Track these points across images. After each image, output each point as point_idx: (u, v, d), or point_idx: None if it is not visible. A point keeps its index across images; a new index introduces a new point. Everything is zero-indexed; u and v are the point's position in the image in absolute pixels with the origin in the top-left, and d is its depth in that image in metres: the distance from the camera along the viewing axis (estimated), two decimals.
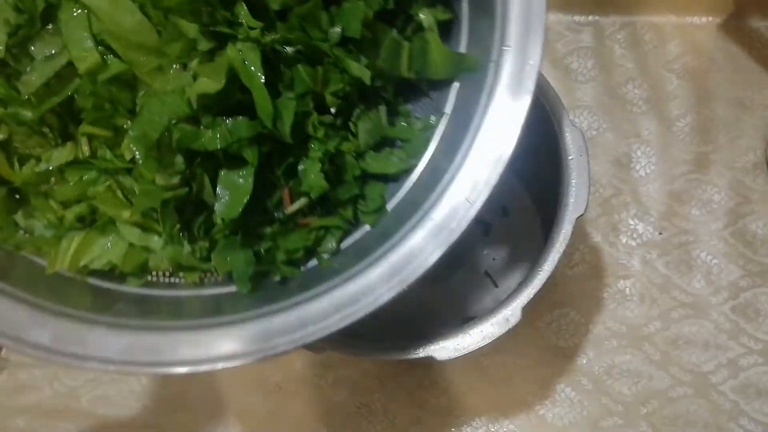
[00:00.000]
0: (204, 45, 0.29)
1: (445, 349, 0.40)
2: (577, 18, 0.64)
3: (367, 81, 0.31)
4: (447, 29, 0.34)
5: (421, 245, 0.30)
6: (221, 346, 0.30)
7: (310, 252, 0.35)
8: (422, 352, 0.40)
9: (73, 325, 0.31)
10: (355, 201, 0.35)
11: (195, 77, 0.29)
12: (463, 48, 0.34)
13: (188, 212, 0.32)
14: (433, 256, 0.29)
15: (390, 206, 0.34)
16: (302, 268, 0.35)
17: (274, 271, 0.34)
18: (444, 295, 0.58)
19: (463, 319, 0.57)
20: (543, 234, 0.58)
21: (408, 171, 0.34)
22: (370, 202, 0.34)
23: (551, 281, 0.58)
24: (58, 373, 0.59)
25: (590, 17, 0.64)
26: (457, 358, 0.58)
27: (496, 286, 0.58)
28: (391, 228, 0.32)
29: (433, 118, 0.35)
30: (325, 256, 0.35)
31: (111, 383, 0.58)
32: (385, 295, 0.30)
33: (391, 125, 0.35)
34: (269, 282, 0.34)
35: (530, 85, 0.29)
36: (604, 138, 0.61)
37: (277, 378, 0.59)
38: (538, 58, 0.29)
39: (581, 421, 0.56)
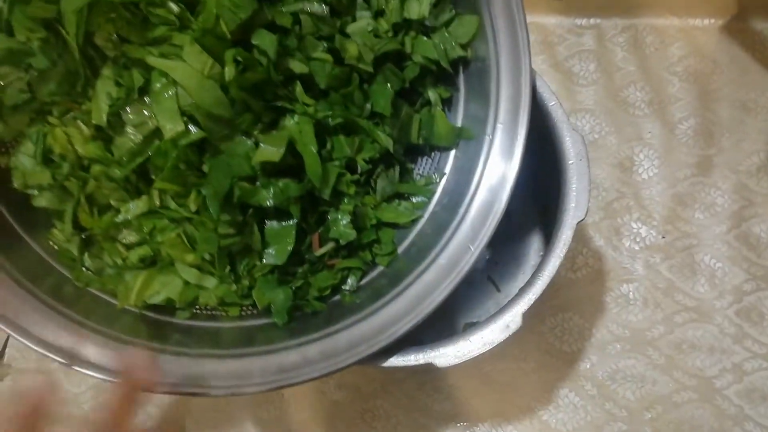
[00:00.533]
0: (267, 117, 0.35)
1: (445, 355, 0.40)
2: (578, 21, 0.64)
3: (391, 149, 0.38)
4: (448, 104, 0.42)
5: (433, 284, 0.36)
6: (271, 372, 0.35)
7: (335, 289, 0.40)
8: (422, 359, 0.40)
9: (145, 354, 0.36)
10: (372, 246, 0.40)
11: (257, 144, 0.34)
12: (460, 119, 0.41)
13: (236, 256, 0.37)
14: (443, 293, 0.36)
15: (400, 250, 0.41)
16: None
17: (305, 305, 0.39)
18: (446, 299, 0.58)
19: (465, 323, 0.57)
20: (545, 238, 0.58)
21: (415, 221, 0.41)
22: (384, 246, 0.40)
23: (553, 286, 0.58)
24: (60, 380, 0.59)
25: (592, 20, 0.64)
26: (459, 364, 0.58)
27: (499, 290, 0.58)
28: (403, 269, 0.38)
29: (435, 177, 0.42)
30: (347, 292, 0.40)
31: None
32: (406, 326, 0.36)
33: (400, 182, 0.42)
34: (299, 315, 0.39)
35: (519, 154, 0.36)
36: (607, 141, 0.61)
37: None
38: (524, 132, 0.36)
39: (585, 426, 0.56)
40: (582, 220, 0.41)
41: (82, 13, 0.31)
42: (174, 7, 0.32)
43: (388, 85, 0.38)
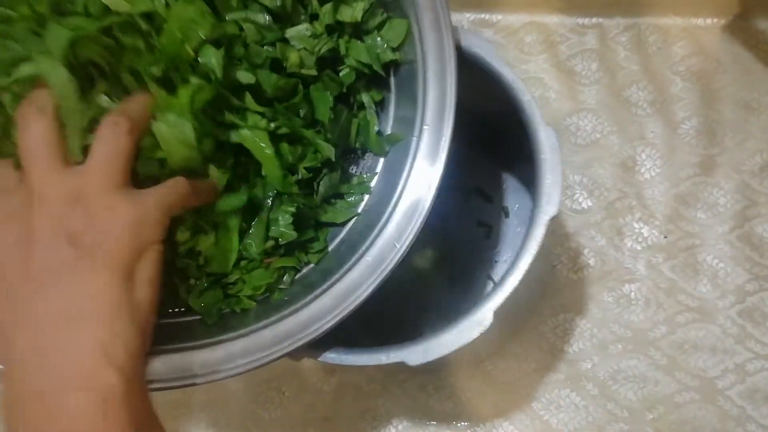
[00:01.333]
0: (222, 136, 0.35)
1: (414, 352, 0.39)
2: (580, 20, 0.64)
3: (333, 158, 0.39)
4: (381, 105, 0.43)
5: (359, 281, 0.37)
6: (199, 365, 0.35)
7: (269, 288, 0.40)
8: (393, 358, 0.40)
9: None
10: (309, 244, 0.41)
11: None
12: (390, 121, 0.42)
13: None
14: (368, 290, 0.36)
15: (330, 248, 0.41)
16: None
17: (236, 303, 0.39)
18: (447, 299, 0.58)
19: None
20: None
21: (350, 219, 0.42)
22: (317, 244, 0.41)
23: (555, 286, 0.58)
24: None
25: (594, 19, 0.64)
26: (461, 363, 0.58)
27: None
28: (332, 266, 0.38)
29: (367, 176, 0.42)
30: (277, 289, 0.40)
31: None
32: (331, 322, 0.36)
33: (340, 182, 0.42)
34: (227, 313, 0.39)
35: (443, 156, 0.37)
36: (609, 141, 0.61)
37: (281, 383, 0.58)
38: (449, 135, 0.37)
39: (586, 426, 0.56)
40: (554, 216, 0.40)
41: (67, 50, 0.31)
42: (143, 25, 0.32)
43: (328, 92, 0.39)
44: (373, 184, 0.42)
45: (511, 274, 0.40)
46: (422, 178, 0.37)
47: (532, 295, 0.57)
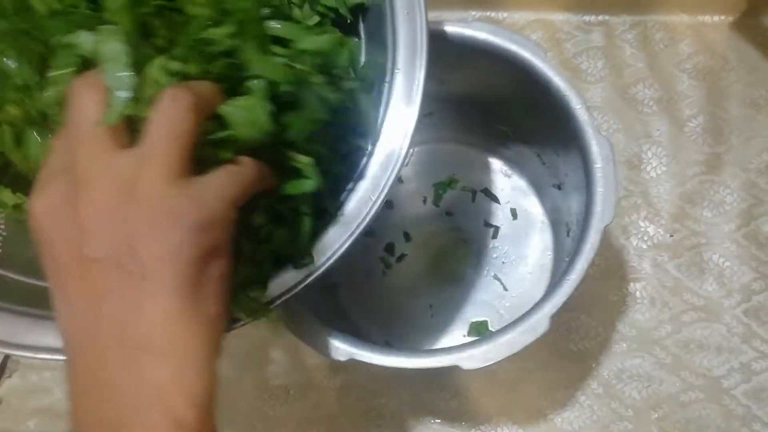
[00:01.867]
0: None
1: (474, 358, 0.40)
2: (586, 18, 0.64)
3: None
4: None
5: (334, 238, 0.35)
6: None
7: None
8: (447, 361, 0.40)
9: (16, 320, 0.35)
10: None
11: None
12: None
13: None
14: (343, 247, 0.35)
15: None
16: None
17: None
18: (453, 298, 0.58)
19: (472, 322, 0.57)
20: (554, 237, 0.58)
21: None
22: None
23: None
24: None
25: (600, 17, 0.63)
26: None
27: (506, 289, 0.58)
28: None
29: None
30: None
31: None
32: (302, 284, 0.34)
33: None
34: None
35: (417, 99, 0.35)
36: (615, 139, 0.61)
37: (285, 381, 0.59)
38: (422, 77, 0.35)
39: (591, 425, 0.56)
40: (609, 224, 0.41)
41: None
42: None
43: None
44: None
45: (567, 279, 0.41)
46: (397, 126, 0.35)
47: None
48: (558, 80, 0.44)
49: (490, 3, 0.64)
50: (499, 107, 0.54)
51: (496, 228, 0.59)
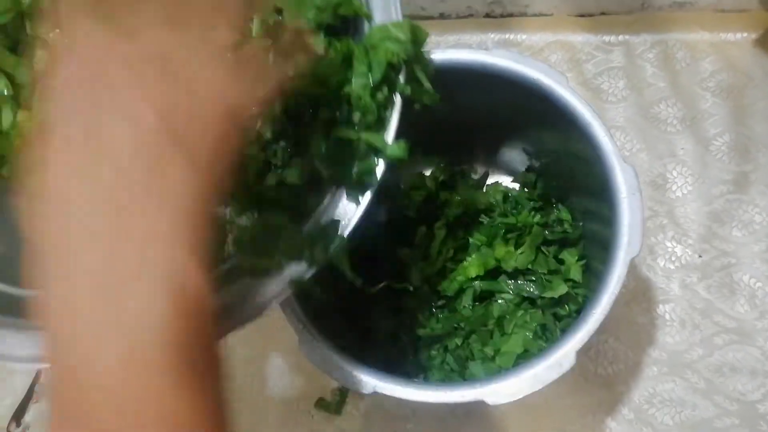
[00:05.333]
0: None
1: (498, 393, 0.39)
2: (606, 38, 0.63)
3: None
4: None
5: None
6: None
7: None
8: (471, 396, 0.39)
9: None
10: None
11: None
12: None
13: None
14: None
15: None
16: None
17: None
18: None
19: None
20: None
21: None
22: None
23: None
24: None
25: (620, 37, 0.63)
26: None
27: None
28: None
29: None
30: None
31: None
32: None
33: None
34: None
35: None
36: (638, 159, 0.60)
37: (309, 404, 0.58)
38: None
39: None
40: (636, 255, 0.40)
41: None
42: None
43: None
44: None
45: (593, 314, 0.40)
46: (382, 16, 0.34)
47: None
48: (581, 106, 0.43)
49: (507, 25, 0.64)
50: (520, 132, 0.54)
51: None
